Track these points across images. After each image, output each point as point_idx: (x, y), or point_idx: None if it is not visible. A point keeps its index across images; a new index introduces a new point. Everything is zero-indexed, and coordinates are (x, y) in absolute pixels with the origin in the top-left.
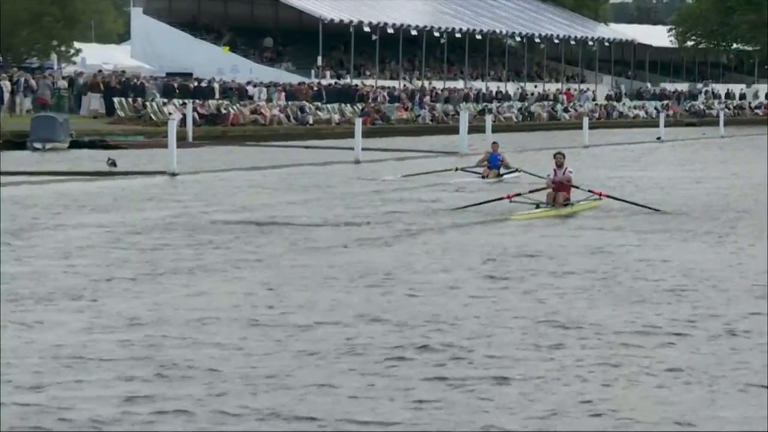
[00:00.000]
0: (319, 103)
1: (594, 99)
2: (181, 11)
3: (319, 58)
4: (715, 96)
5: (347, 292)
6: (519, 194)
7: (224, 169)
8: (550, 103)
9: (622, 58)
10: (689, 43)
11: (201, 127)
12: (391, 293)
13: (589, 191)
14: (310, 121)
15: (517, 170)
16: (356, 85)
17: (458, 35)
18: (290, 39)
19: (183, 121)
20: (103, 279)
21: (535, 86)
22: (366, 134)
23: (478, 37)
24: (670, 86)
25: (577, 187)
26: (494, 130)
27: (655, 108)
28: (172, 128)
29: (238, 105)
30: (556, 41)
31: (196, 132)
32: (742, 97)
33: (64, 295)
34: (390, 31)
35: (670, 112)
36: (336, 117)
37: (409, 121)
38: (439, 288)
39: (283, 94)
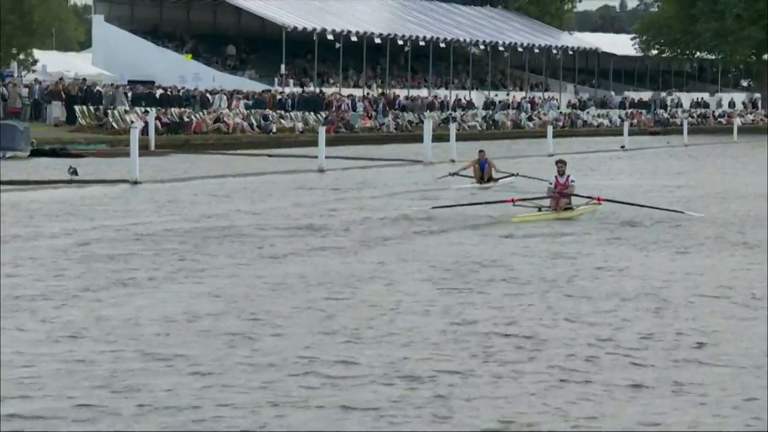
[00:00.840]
0: (283, 111)
1: (558, 107)
2: (143, 19)
3: (282, 66)
4: (679, 105)
5: (289, 302)
6: (523, 199)
7: (186, 178)
8: (514, 111)
9: (586, 67)
10: (653, 52)
11: (163, 135)
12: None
13: (588, 197)
14: (274, 130)
15: (515, 174)
16: (320, 93)
17: (422, 43)
18: (253, 47)
19: (145, 129)
20: (44, 289)
21: (496, 95)
22: (330, 142)
23: (442, 45)
24: (634, 95)
25: (577, 195)
26: (458, 138)
27: (619, 117)
28: (134, 136)
29: (200, 113)
30: (520, 49)
31: (159, 140)
32: (706, 105)
33: (4, 307)
34: (353, 38)
35: (634, 121)
36: (299, 125)
37: (373, 130)
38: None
39: (242, 102)
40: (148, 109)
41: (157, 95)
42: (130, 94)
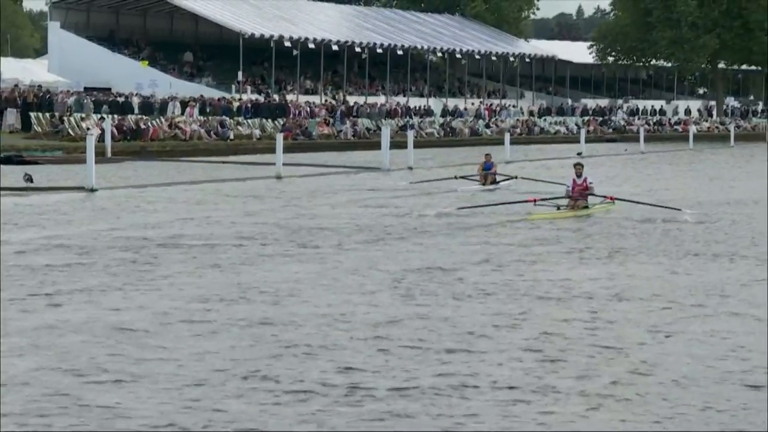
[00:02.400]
0: (240, 118)
1: (521, 113)
2: (99, 25)
3: (240, 73)
4: (635, 112)
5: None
6: (544, 199)
7: (142, 185)
8: (472, 118)
9: (543, 74)
10: (609, 59)
11: (120, 142)
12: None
13: (603, 196)
14: (231, 137)
15: (514, 177)
16: (277, 100)
17: (379, 50)
18: (210, 54)
19: (102, 137)
20: None
21: (456, 105)
22: (287, 149)
23: (400, 52)
24: (590, 102)
25: (594, 195)
26: (416, 145)
27: (576, 124)
28: (91, 143)
29: (157, 120)
30: (478, 57)
31: (115, 147)
32: (663, 113)
33: None
34: (311, 46)
35: (591, 128)
36: (257, 132)
37: (331, 137)
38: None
39: (196, 108)
40: (104, 116)
41: (120, 102)
42: (86, 101)
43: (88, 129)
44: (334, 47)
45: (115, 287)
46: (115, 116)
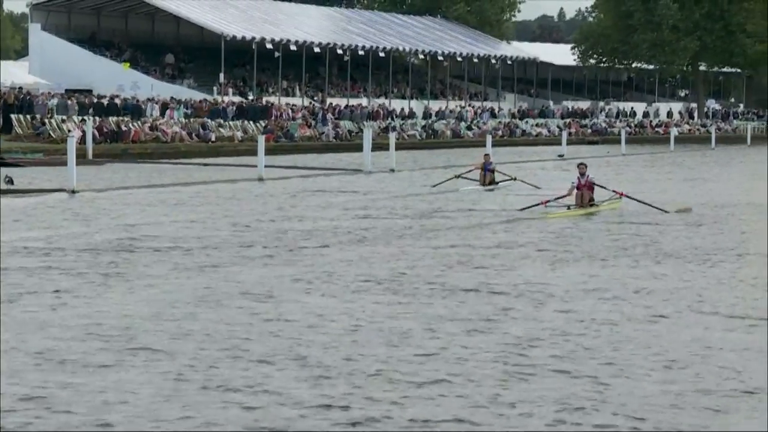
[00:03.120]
0: (222, 120)
1: (505, 115)
2: (80, 27)
3: (221, 75)
4: (617, 114)
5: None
6: (550, 200)
7: (123, 187)
8: (454, 120)
9: (524, 76)
10: (591, 62)
11: (101, 144)
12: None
13: (613, 191)
14: (213, 139)
15: (513, 179)
16: (259, 102)
17: (361, 53)
18: (192, 55)
19: (83, 139)
20: None
21: (439, 107)
22: (269, 152)
23: (382, 54)
24: (572, 104)
25: (602, 187)
26: (398, 147)
27: (558, 126)
28: (72, 145)
29: (138, 122)
30: (459, 59)
31: (97, 149)
32: (645, 115)
33: None
34: (293, 48)
35: (573, 130)
36: (239, 134)
37: (313, 139)
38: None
39: (175, 111)
40: (86, 118)
41: (106, 104)
42: (71, 102)
43: (69, 131)
44: (316, 49)
45: (80, 291)
46: (96, 118)
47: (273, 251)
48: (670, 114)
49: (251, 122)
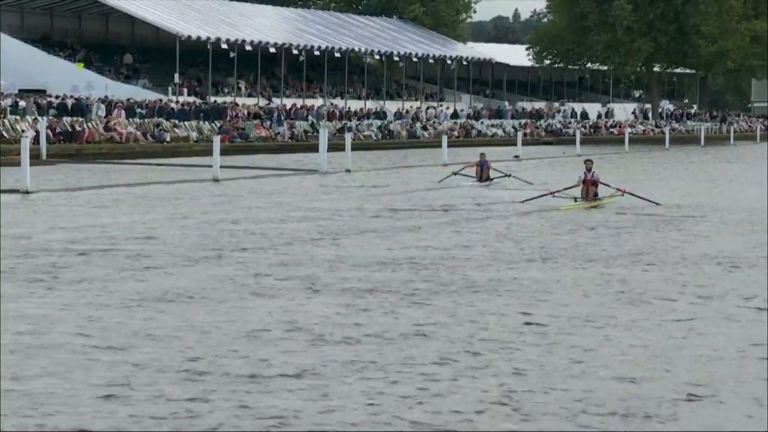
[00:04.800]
0: (177, 121)
1: (459, 116)
2: (34, 27)
3: (176, 75)
4: (572, 115)
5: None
6: (558, 191)
7: (77, 188)
8: (409, 121)
9: (480, 77)
10: (546, 63)
11: (55, 144)
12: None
13: (616, 189)
14: (168, 139)
15: (508, 175)
16: (215, 102)
17: (317, 53)
18: (147, 56)
19: (36, 139)
20: None
21: (397, 108)
22: (225, 152)
23: (337, 54)
24: (527, 105)
25: (606, 185)
26: (354, 148)
27: (513, 127)
28: (25, 145)
29: (93, 122)
30: (415, 59)
31: (51, 150)
32: (600, 116)
33: None
34: (248, 48)
35: (528, 131)
36: (194, 135)
37: (268, 139)
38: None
39: (123, 111)
40: (39, 117)
41: (70, 105)
42: (28, 103)
43: (23, 131)
44: (272, 49)
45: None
46: (48, 118)
47: (215, 253)
48: (623, 115)
49: (206, 123)
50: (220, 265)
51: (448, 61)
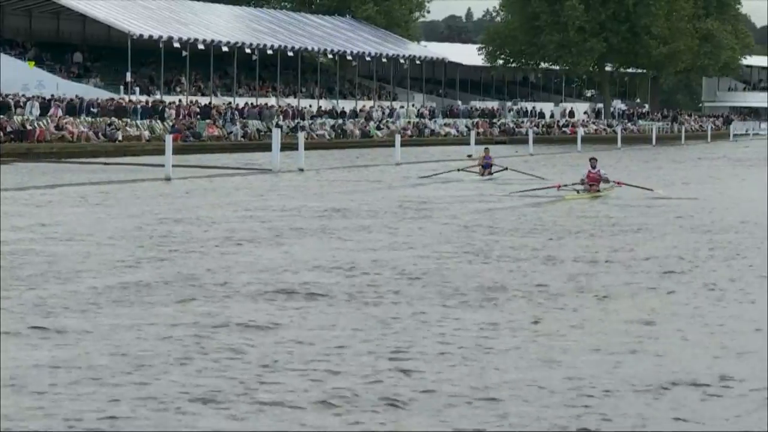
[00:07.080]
0: (128, 120)
1: (414, 115)
2: None
3: (128, 74)
4: (525, 114)
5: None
6: (565, 185)
7: (24, 188)
8: (363, 120)
9: (433, 76)
10: (498, 62)
11: (5, 143)
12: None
13: (614, 182)
14: (119, 138)
15: (505, 168)
16: (166, 102)
17: (270, 52)
18: (98, 54)
19: None
20: None
21: (350, 108)
22: (177, 151)
23: (290, 53)
24: (480, 104)
25: (608, 181)
26: (307, 147)
27: (466, 126)
28: None
29: (44, 121)
30: (368, 59)
31: (1, 149)
32: (553, 115)
33: None
34: (200, 47)
35: (481, 130)
36: (146, 134)
37: (221, 138)
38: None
39: (59, 110)
40: None
41: (11, 104)
42: None
43: None
44: (224, 48)
45: None
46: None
47: (156, 254)
48: (573, 114)
49: (158, 121)
50: (139, 268)
51: (402, 61)
